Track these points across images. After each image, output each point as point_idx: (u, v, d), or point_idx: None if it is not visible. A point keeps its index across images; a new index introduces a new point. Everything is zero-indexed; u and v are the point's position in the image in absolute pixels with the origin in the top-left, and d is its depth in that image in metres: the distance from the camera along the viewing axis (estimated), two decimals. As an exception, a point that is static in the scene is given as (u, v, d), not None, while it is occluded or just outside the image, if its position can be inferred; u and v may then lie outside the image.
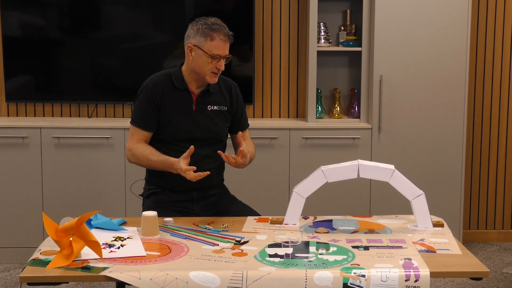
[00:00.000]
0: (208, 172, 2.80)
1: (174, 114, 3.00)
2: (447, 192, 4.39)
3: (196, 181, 3.01)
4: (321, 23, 4.43)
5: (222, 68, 2.96)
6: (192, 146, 2.81)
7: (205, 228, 2.69)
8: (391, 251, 2.41)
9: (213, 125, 3.04)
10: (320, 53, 4.42)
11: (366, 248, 2.44)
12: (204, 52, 2.93)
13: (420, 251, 2.42)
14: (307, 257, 2.34)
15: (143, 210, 3.03)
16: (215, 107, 3.05)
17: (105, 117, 4.59)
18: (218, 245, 2.48)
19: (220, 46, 2.93)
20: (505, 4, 4.60)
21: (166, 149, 3.02)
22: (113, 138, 4.27)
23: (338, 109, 4.52)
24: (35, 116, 4.58)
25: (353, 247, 2.46)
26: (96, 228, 2.63)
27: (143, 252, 2.38)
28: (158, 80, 3.03)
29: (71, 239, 2.29)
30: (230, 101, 3.09)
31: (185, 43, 3.00)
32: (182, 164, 2.80)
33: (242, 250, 2.42)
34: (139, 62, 4.50)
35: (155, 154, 2.95)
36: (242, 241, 2.53)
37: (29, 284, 2.22)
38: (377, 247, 2.46)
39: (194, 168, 2.79)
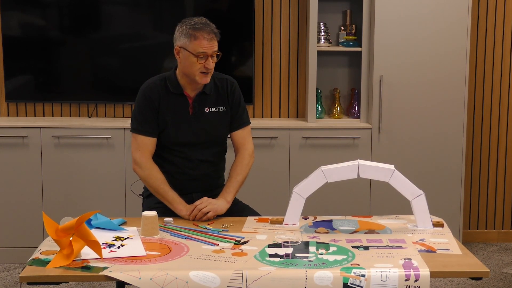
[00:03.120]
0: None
1: (171, 119, 2.97)
2: (447, 192, 4.39)
3: (197, 184, 3.03)
4: (321, 23, 4.43)
5: (210, 66, 2.90)
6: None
7: (205, 228, 2.69)
8: (391, 251, 2.41)
9: (211, 128, 3.02)
10: (320, 53, 4.42)
11: (366, 248, 2.44)
12: (190, 52, 2.89)
13: (420, 251, 2.42)
14: (307, 257, 2.34)
15: (143, 210, 3.03)
16: (213, 109, 3.03)
17: (105, 117, 4.59)
18: (218, 245, 2.48)
19: (204, 44, 2.88)
20: (505, 4, 4.60)
21: (165, 154, 3.01)
22: (113, 138, 4.27)
23: (338, 109, 4.52)
24: (35, 116, 4.59)
25: (353, 247, 2.45)
26: (96, 228, 2.63)
27: (143, 252, 2.38)
28: (154, 84, 3.00)
29: (71, 239, 2.29)
30: (227, 100, 3.07)
31: (174, 45, 2.99)
32: (183, 213, 2.88)
33: (242, 250, 2.42)
34: (139, 62, 4.50)
35: (166, 187, 2.95)
36: (242, 241, 2.53)
37: (29, 283, 2.22)
38: (377, 247, 2.46)
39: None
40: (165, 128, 2.98)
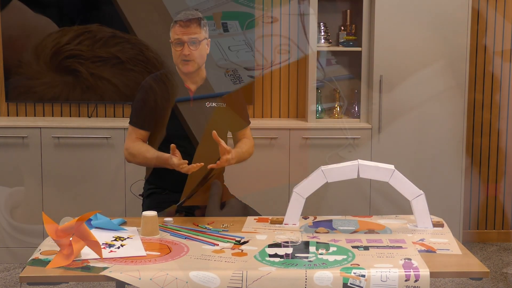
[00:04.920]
0: (202, 164, 2.79)
1: (172, 111, 3.00)
2: (447, 192, 4.39)
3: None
4: (321, 23, 4.43)
5: (186, 53, 2.91)
6: (172, 145, 2.80)
7: (205, 228, 2.69)
8: (391, 251, 2.41)
9: (211, 122, 3.03)
10: (320, 53, 4.42)
11: (366, 248, 2.44)
12: (171, 42, 2.94)
13: (420, 251, 2.42)
14: (307, 257, 2.34)
15: (143, 210, 3.03)
16: (214, 104, 3.05)
17: (105, 117, 4.59)
18: (218, 245, 2.48)
19: (179, 30, 2.91)
20: (505, 5, 4.60)
21: (164, 146, 3.01)
22: (113, 138, 4.27)
23: (338, 109, 4.52)
24: (35, 116, 4.58)
25: (353, 247, 2.45)
26: (96, 228, 2.63)
27: (143, 252, 2.38)
28: (155, 79, 3.03)
29: (71, 239, 2.29)
30: (228, 97, 3.08)
31: None
32: (174, 160, 2.80)
33: (242, 250, 2.42)
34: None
35: (151, 151, 2.96)
36: (242, 241, 2.53)
37: (29, 284, 2.22)
38: (377, 247, 2.46)
39: (186, 161, 2.80)
40: (165, 120, 2.99)
